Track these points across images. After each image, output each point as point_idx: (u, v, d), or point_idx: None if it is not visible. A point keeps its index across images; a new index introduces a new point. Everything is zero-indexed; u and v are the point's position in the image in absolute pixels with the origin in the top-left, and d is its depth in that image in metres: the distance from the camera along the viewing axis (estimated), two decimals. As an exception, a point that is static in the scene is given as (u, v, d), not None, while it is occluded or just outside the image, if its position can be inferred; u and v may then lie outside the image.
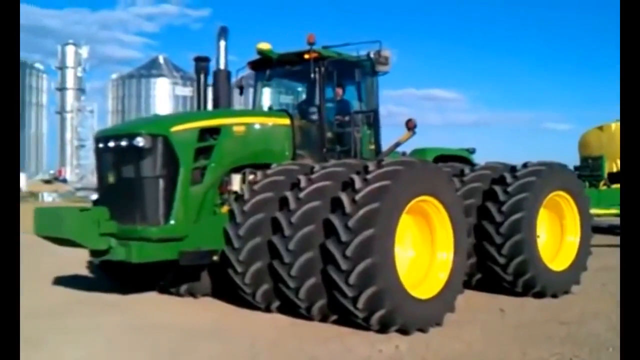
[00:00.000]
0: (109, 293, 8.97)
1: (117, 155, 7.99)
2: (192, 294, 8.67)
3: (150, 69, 49.86)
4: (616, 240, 15.88)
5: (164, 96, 48.73)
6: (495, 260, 8.61)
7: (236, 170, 8.43)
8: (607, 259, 9.96)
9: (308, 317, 7.34)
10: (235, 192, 8.18)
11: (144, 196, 7.75)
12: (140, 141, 7.69)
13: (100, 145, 8.26)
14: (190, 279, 8.58)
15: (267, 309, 7.65)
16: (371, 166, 7.14)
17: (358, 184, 6.87)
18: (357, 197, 6.72)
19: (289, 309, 7.47)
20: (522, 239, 8.44)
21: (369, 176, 6.92)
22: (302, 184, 7.30)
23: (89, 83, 59.92)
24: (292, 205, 7.14)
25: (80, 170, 53.66)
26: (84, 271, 10.87)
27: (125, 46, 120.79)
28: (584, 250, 9.41)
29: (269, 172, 7.86)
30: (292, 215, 7.06)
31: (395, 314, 6.67)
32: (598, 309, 8.14)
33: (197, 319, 7.55)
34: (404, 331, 6.78)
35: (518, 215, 8.46)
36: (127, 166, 7.86)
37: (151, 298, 8.80)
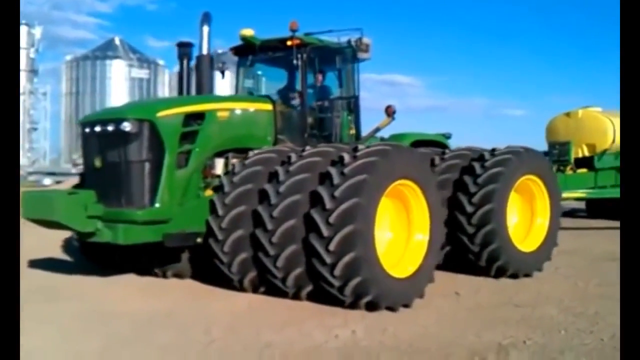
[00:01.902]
0: (70, 277, 9.14)
1: (103, 139, 8.21)
2: (178, 275, 8.95)
3: (106, 51, 49.10)
4: (577, 222, 16.71)
5: (119, 78, 48.11)
6: (468, 249, 9.05)
7: (219, 154, 8.76)
8: (564, 243, 10.33)
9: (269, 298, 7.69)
10: (219, 176, 8.48)
11: (130, 180, 8.00)
12: (126, 126, 7.92)
13: (87, 129, 8.47)
14: (172, 261, 8.85)
15: (240, 283, 7.92)
16: (347, 158, 7.39)
17: (336, 178, 7.16)
18: (337, 192, 7.03)
19: (263, 281, 7.77)
20: (493, 228, 8.83)
21: (346, 170, 7.20)
22: (281, 176, 7.58)
23: (41, 65, 58.54)
24: (273, 199, 7.42)
25: (33, 154, 52.83)
26: (54, 255, 10.99)
27: (78, 27, 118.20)
28: (553, 229, 9.87)
29: (247, 162, 8.11)
30: (274, 210, 7.35)
31: (369, 284, 7.04)
32: (551, 292, 8.43)
33: (153, 306, 7.59)
34: (373, 305, 7.12)
35: (488, 207, 8.82)
36: (114, 150, 8.09)
37: (110, 283, 8.93)
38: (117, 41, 49.74)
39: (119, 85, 47.74)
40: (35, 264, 10.19)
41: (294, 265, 7.32)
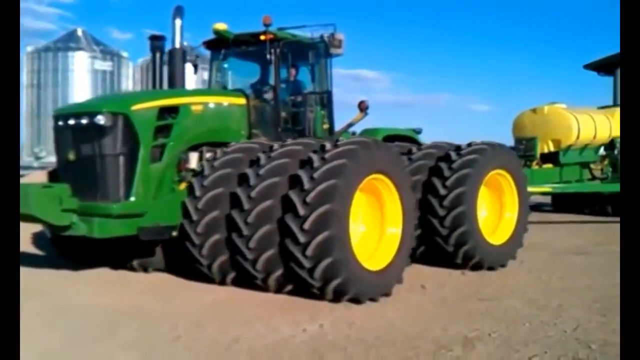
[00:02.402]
0: (34, 272, 9.07)
1: (77, 133, 8.26)
2: (145, 268, 9.03)
3: (68, 42, 48.38)
4: (542, 217, 17.11)
5: (82, 70, 47.53)
6: (437, 232, 9.33)
7: (194, 148, 8.85)
8: (528, 237, 10.55)
9: (260, 288, 7.77)
10: (193, 170, 8.58)
11: (105, 173, 8.06)
12: (101, 119, 7.99)
13: (60, 123, 8.50)
14: (145, 254, 8.93)
15: (222, 282, 8.06)
16: (328, 145, 7.66)
17: (316, 162, 7.37)
18: (315, 174, 7.22)
19: (244, 280, 7.88)
20: (464, 211, 9.15)
21: (326, 155, 7.42)
22: (262, 161, 7.75)
23: (0, 55, 57.36)
24: (252, 180, 7.57)
25: (-7, 148, 52.04)
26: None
27: (40, 17, 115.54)
28: (520, 226, 10.23)
29: (228, 149, 8.29)
30: (252, 190, 7.49)
31: (349, 283, 7.21)
32: (515, 285, 8.58)
33: (117, 301, 7.57)
34: (356, 300, 7.29)
35: (461, 189, 9.18)
36: (88, 144, 8.13)
37: (74, 278, 8.90)
38: (79, 32, 49.08)
39: (81, 77, 47.16)
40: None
41: (266, 247, 7.42)
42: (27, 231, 11.40)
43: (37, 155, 41.67)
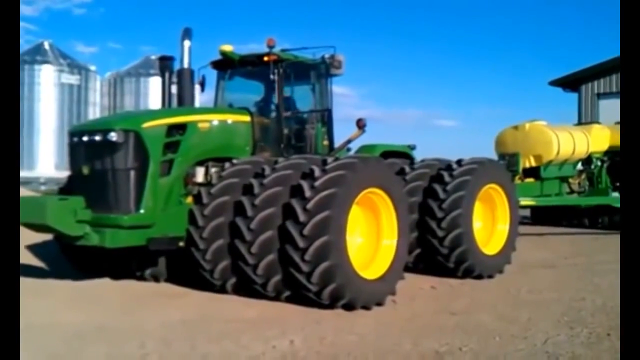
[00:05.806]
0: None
1: (91, 148, 8.82)
2: (155, 277, 9.67)
3: (35, 55, 48.18)
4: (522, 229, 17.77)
5: (49, 84, 47.43)
6: (434, 234, 10.04)
7: (200, 163, 9.44)
8: None
9: (262, 295, 8.28)
10: (199, 184, 9.15)
11: (117, 187, 8.63)
12: (113, 136, 8.54)
13: (75, 139, 9.07)
14: (151, 264, 9.59)
15: (222, 288, 8.60)
16: (329, 159, 8.34)
17: (317, 173, 8.01)
18: (316, 183, 7.84)
19: (244, 287, 8.39)
20: (461, 213, 9.93)
21: (327, 167, 8.09)
22: (266, 172, 8.38)
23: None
24: (256, 189, 8.16)
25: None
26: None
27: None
28: (511, 240, 11.06)
29: (236, 161, 8.92)
30: (255, 199, 8.07)
31: (345, 288, 7.77)
32: (485, 299, 8.85)
33: (83, 318, 7.58)
34: (350, 306, 7.86)
35: (460, 194, 9.97)
36: (101, 159, 8.70)
37: (40, 294, 8.98)
38: (46, 45, 48.87)
39: (48, 91, 47.04)
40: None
41: (267, 252, 7.96)
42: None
43: (3, 171, 41.42)
